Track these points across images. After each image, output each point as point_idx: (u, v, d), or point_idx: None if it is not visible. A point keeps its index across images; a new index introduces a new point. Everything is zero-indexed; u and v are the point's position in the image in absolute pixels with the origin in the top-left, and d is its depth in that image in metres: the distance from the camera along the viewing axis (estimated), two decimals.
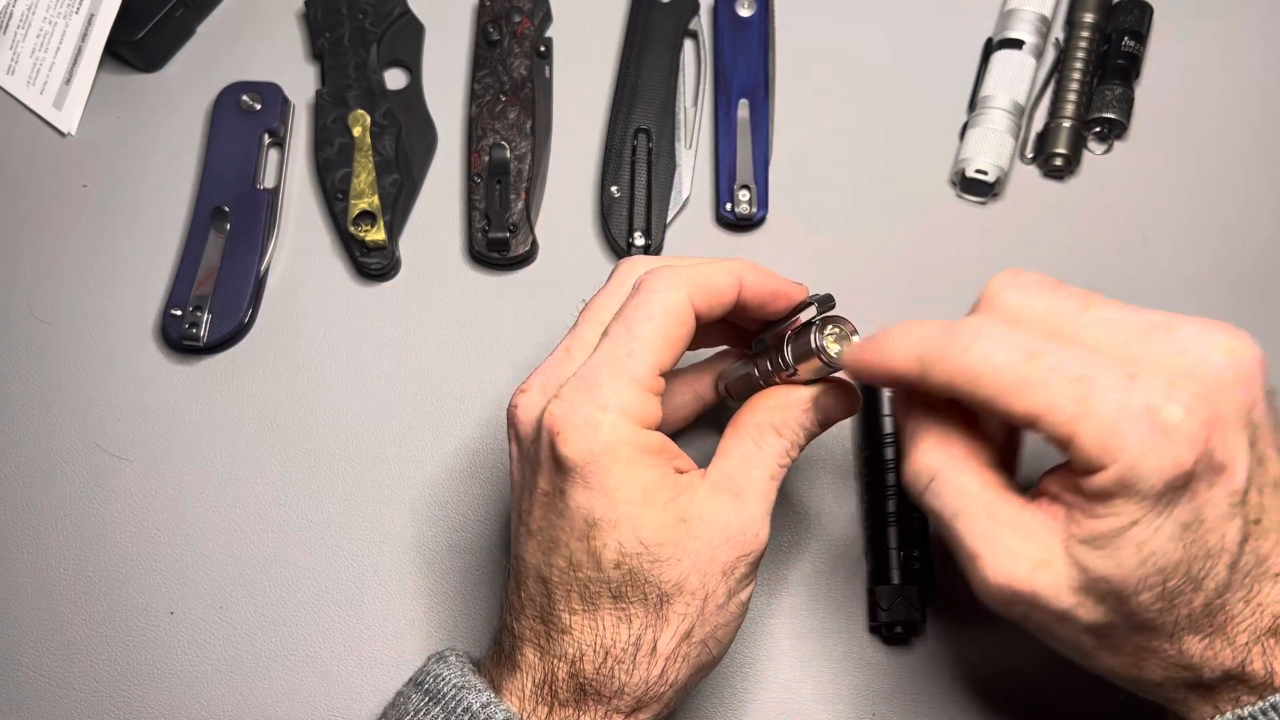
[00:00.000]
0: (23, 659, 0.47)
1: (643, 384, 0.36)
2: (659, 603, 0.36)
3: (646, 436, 0.36)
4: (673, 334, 0.36)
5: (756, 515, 0.37)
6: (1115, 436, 0.31)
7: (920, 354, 0.34)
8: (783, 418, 0.38)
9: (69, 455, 0.50)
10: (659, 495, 0.35)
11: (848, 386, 0.39)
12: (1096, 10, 0.55)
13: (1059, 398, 0.31)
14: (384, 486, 0.49)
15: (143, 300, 0.53)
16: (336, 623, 0.47)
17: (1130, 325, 0.33)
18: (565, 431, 0.35)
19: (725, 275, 0.37)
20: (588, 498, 0.35)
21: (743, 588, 0.37)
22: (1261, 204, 0.53)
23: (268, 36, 0.59)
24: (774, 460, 0.38)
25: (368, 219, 0.53)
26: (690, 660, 0.37)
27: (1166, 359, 0.32)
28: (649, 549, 0.35)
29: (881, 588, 0.45)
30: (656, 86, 0.55)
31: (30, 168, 0.56)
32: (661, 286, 0.36)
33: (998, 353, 0.32)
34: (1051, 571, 0.33)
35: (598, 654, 0.36)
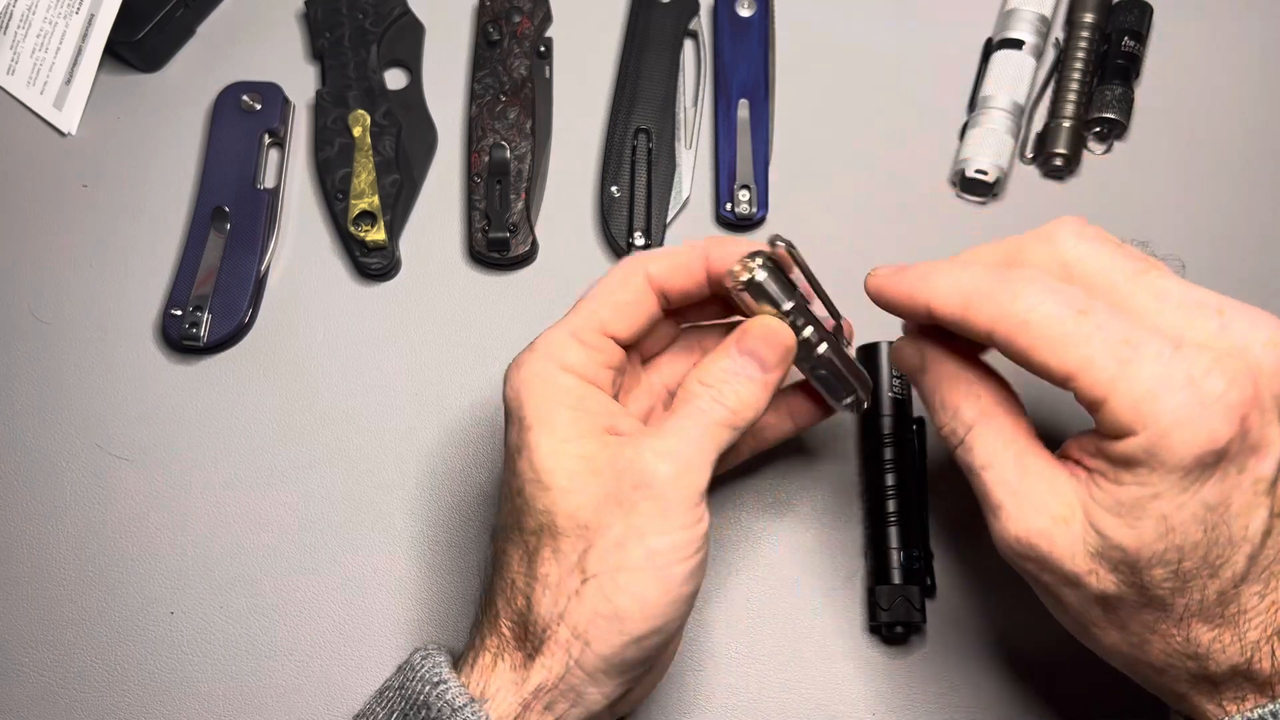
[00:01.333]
0: (23, 659, 0.47)
1: (578, 335, 0.38)
2: (553, 534, 0.35)
3: (564, 378, 0.37)
4: (620, 297, 0.38)
5: (660, 448, 0.35)
6: (1152, 402, 0.31)
7: (967, 293, 0.34)
8: (706, 370, 0.37)
9: (69, 455, 0.50)
10: (564, 429, 0.36)
11: (766, 320, 0.38)
12: (1096, 10, 0.55)
13: (1101, 357, 0.31)
14: (384, 486, 0.49)
15: (143, 300, 0.53)
16: (336, 622, 0.47)
17: (1181, 300, 0.33)
18: (507, 374, 0.38)
19: (688, 247, 0.39)
20: (513, 431, 0.37)
21: (653, 531, 0.35)
22: (1262, 204, 0.53)
23: (268, 36, 0.59)
24: (696, 407, 0.37)
25: (368, 219, 0.53)
26: (587, 598, 0.34)
27: (1211, 338, 0.32)
28: (539, 474, 0.36)
29: (881, 588, 0.45)
30: (656, 86, 0.55)
31: (30, 168, 0.56)
32: (627, 261, 0.39)
33: (1046, 304, 0.32)
34: (1069, 531, 0.33)
35: (507, 587, 0.37)
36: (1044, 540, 0.33)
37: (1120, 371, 0.31)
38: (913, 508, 0.46)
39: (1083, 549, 0.33)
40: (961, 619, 0.46)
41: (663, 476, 0.35)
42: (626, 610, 0.34)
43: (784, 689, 0.45)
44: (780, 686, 0.45)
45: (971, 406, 0.36)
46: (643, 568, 0.35)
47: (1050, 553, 0.33)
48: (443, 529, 0.49)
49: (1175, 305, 0.33)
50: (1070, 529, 0.33)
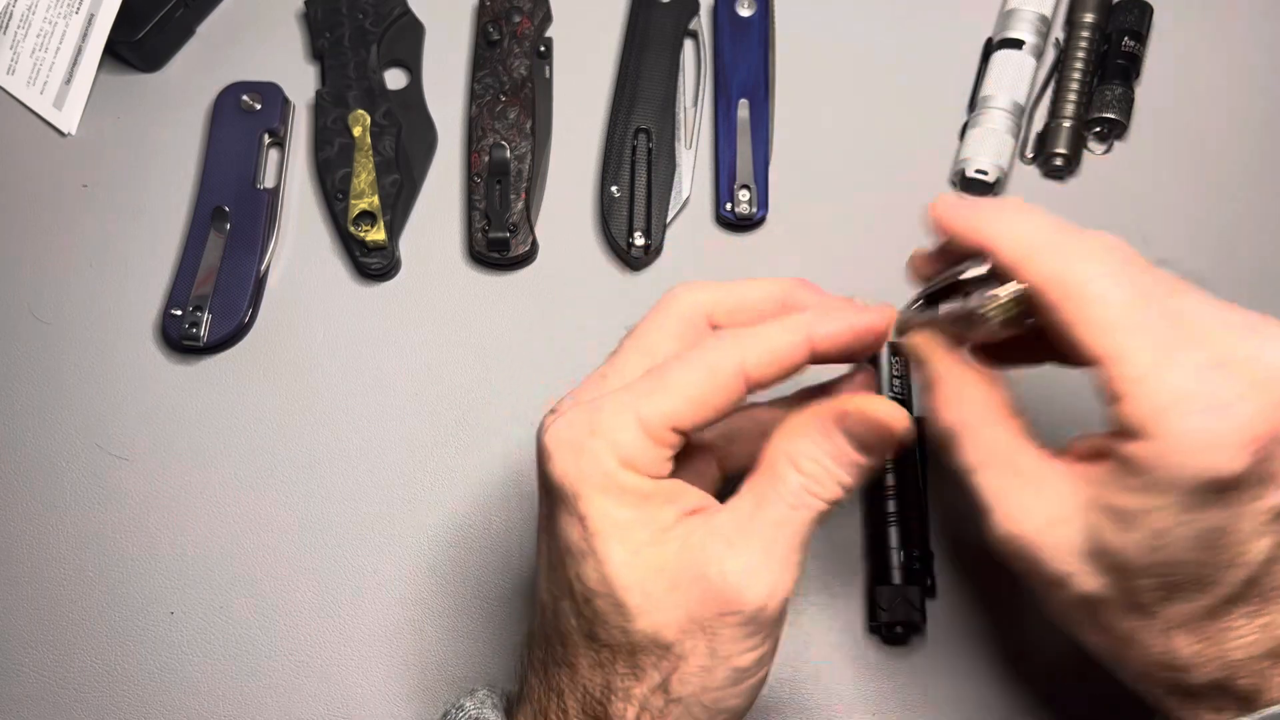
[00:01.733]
0: (23, 659, 0.47)
1: (647, 427, 0.32)
2: (629, 651, 0.32)
3: (629, 479, 0.32)
4: (708, 397, 0.33)
5: (745, 568, 0.32)
6: (1172, 415, 0.30)
7: (1032, 243, 0.32)
8: (798, 447, 0.33)
9: (69, 455, 0.50)
10: (634, 535, 0.32)
11: (884, 400, 0.34)
12: (1096, 10, 0.55)
13: (1141, 351, 0.30)
14: (384, 486, 0.49)
15: (143, 300, 0.53)
16: (336, 623, 0.47)
17: (1225, 319, 0.32)
18: (552, 449, 0.33)
19: (789, 336, 0.33)
20: (567, 522, 0.33)
21: (736, 652, 0.32)
22: (1262, 204, 0.53)
23: (268, 36, 0.59)
24: (785, 500, 0.33)
25: (368, 219, 0.53)
26: (671, 717, 0.33)
27: (1246, 361, 0.31)
28: (613, 591, 0.32)
29: (881, 588, 0.45)
30: (656, 86, 0.55)
31: (30, 168, 0.56)
32: (715, 346, 0.33)
33: (1112, 277, 0.31)
34: (1059, 532, 0.32)
35: (579, 691, 0.34)
36: (1032, 541, 0.33)
37: (1152, 373, 0.30)
38: (913, 508, 0.46)
39: (1072, 549, 0.32)
40: (961, 619, 0.46)
41: (753, 604, 0.32)
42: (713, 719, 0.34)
43: (784, 689, 0.45)
44: (780, 686, 0.45)
45: (958, 410, 0.35)
46: (729, 685, 0.33)
47: (1038, 554, 0.33)
48: (443, 529, 0.49)
49: (1220, 324, 0.32)
50: (1059, 530, 0.32)
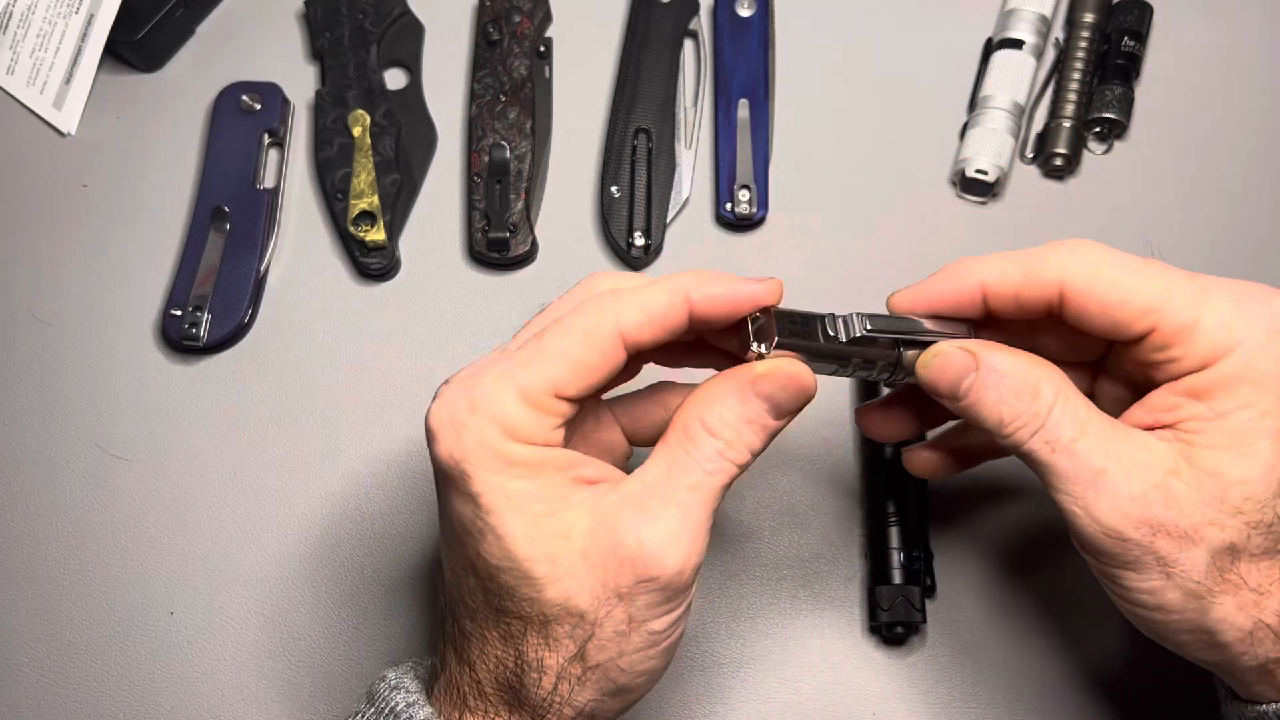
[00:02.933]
0: (23, 659, 0.47)
1: (527, 396, 0.32)
2: (541, 622, 0.32)
3: (515, 450, 0.32)
4: (583, 358, 0.33)
5: (662, 534, 0.32)
6: (1243, 318, 0.32)
7: (1024, 260, 0.34)
8: (715, 413, 0.33)
9: (69, 455, 0.50)
10: (530, 506, 0.32)
11: (793, 360, 0.34)
12: (1096, 10, 0.55)
13: (1180, 289, 0.33)
14: (384, 486, 0.49)
15: (143, 300, 0.53)
16: (336, 623, 0.47)
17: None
18: (434, 428, 0.33)
19: (666, 294, 0.33)
20: (459, 502, 0.33)
21: (652, 616, 0.33)
22: (1262, 204, 0.53)
23: (268, 36, 0.59)
24: (700, 465, 0.33)
25: (368, 219, 0.53)
26: (589, 684, 0.33)
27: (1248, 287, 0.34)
28: (518, 564, 0.32)
29: (881, 588, 0.45)
30: (656, 86, 0.55)
31: (30, 168, 0.56)
32: (590, 309, 0.33)
33: (1111, 252, 0.34)
34: (1181, 482, 0.32)
35: (490, 662, 0.34)
36: (1159, 495, 0.32)
37: (1203, 299, 0.32)
38: (913, 508, 0.46)
39: (1198, 499, 0.32)
40: (961, 619, 0.46)
41: (672, 570, 0.32)
42: (631, 684, 0.34)
43: (784, 689, 0.45)
44: (780, 686, 0.45)
45: (1049, 384, 0.34)
46: (646, 648, 0.33)
47: (1167, 508, 0.32)
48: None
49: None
50: (1180, 481, 0.32)
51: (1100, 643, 0.45)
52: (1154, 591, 0.33)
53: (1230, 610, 0.33)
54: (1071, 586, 0.46)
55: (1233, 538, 0.32)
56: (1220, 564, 0.32)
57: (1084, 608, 0.46)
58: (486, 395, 0.32)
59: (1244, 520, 0.32)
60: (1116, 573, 0.34)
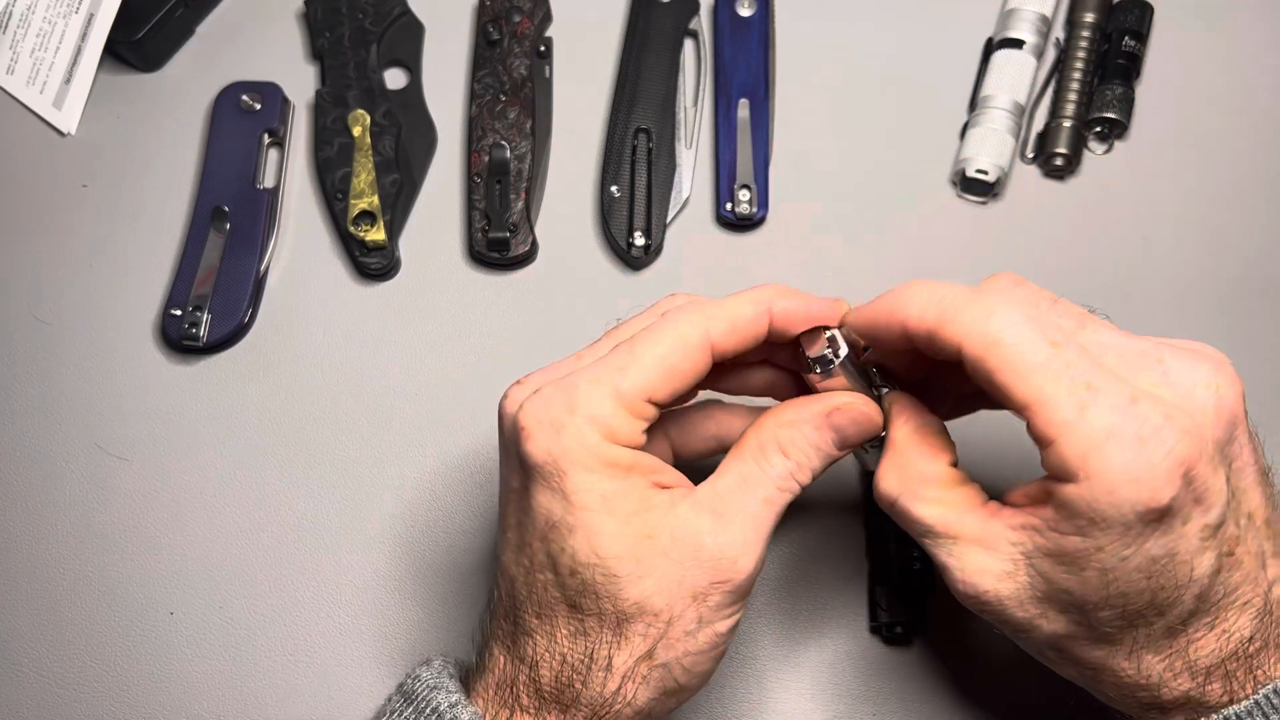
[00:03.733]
0: (23, 659, 0.47)
1: (624, 400, 0.34)
2: (616, 620, 0.34)
3: (613, 451, 0.34)
4: (676, 364, 0.34)
5: (738, 540, 0.34)
6: (1100, 455, 0.31)
7: (943, 307, 0.33)
8: (790, 435, 0.36)
9: (69, 455, 0.50)
10: (621, 506, 0.34)
11: (867, 401, 0.37)
12: (1097, 10, 0.55)
13: (1063, 395, 0.31)
14: (384, 486, 0.49)
15: (143, 300, 0.53)
16: (336, 623, 0.47)
17: (1121, 351, 0.33)
18: (530, 428, 0.34)
19: (750, 305, 0.35)
20: (548, 499, 0.34)
21: (719, 618, 0.35)
22: (1261, 204, 0.53)
23: (268, 36, 0.59)
24: (773, 482, 0.35)
25: (368, 219, 0.53)
26: (652, 683, 0.35)
27: (1154, 387, 0.32)
28: (604, 561, 0.33)
29: (881, 588, 0.45)
30: (656, 86, 0.55)
31: (30, 168, 0.56)
32: (680, 318, 0.35)
33: (1020, 328, 0.32)
34: (1015, 582, 0.34)
35: (554, 660, 0.35)
36: (992, 596, 0.34)
37: (1077, 416, 0.31)
38: None
39: (1029, 595, 0.33)
40: (961, 619, 0.46)
41: (747, 575, 0.34)
42: (688, 684, 0.35)
43: (784, 689, 0.45)
44: (780, 686, 0.45)
45: (895, 479, 0.36)
46: (709, 649, 0.35)
47: (1000, 607, 0.34)
48: (443, 530, 0.49)
49: (1117, 357, 0.33)
50: (1015, 580, 0.34)
51: None
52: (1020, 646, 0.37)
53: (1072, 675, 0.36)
54: None
55: (1061, 631, 0.34)
56: (1055, 647, 0.35)
57: None
58: (586, 397, 0.34)
59: (1070, 618, 0.34)
60: None
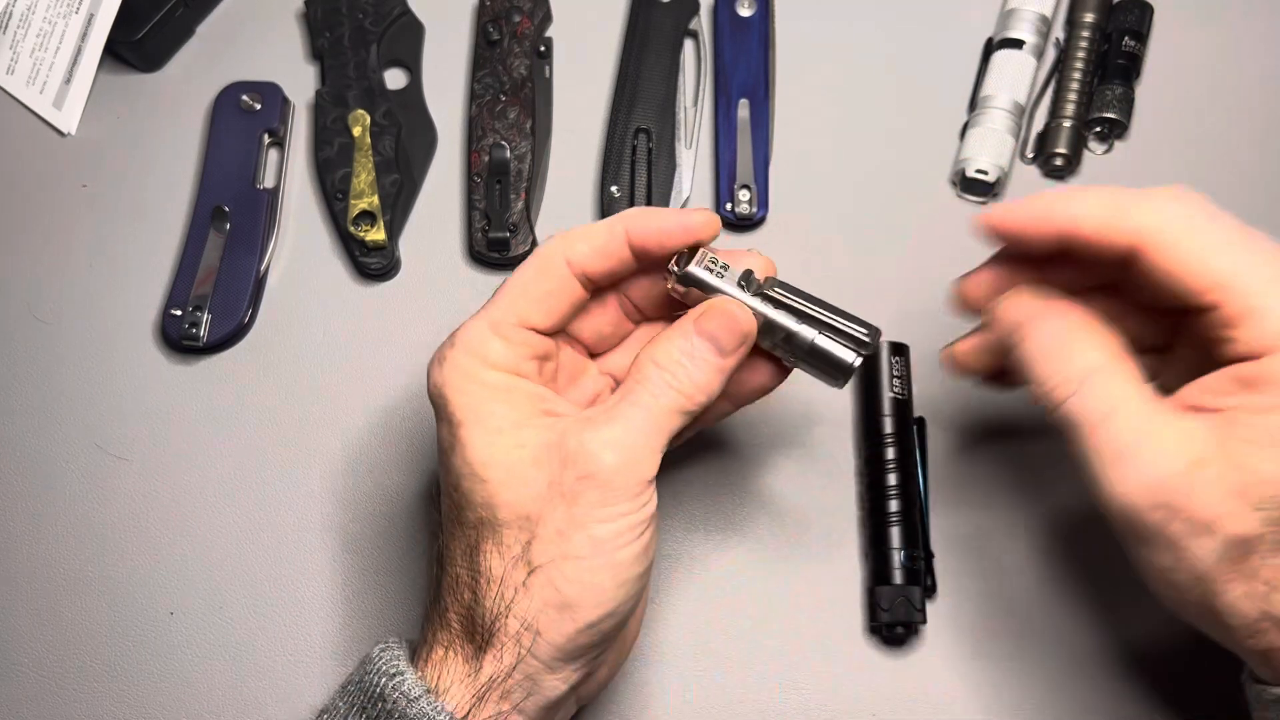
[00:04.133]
0: (23, 659, 0.47)
1: (497, 328, 0.37)
2: (493, 526, 0.35)
3: (488, 374, 0.37)
4: (540, 286, 0.38)
5: (602, 438, 0.35)
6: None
7: (1114, 202, 0.34)
8: (663, 350, 0.37)
9: (69, 455, 0.50)
10: (491, 421, 0.36)
11: (731, 302, 0.37)
12: (1097, 10, 0.55)
13: (1256, 270, 0.32)
14: (384, 485, 0.49)
15: (143, 300, 0.53)
16: (336, 623, 0.47)
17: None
18: (430, 370, 0.38)
19: (605, 226, 0.38)
20: (443, 428, 0.37)
21: (594, 519, 0.34)
22: (1261, 204, 0.53)
23: (268, 36, 0.59)
24: (648, 391, 0.36)
25: (368, 219, 0.53)
26: (534, 591, 0.34)
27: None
28: (475, 470, 0.35)
29: (881, 588, 0.45)
30: (656, 86, 0.55)
31: (30, 168, 0.56)
32: (543, 248, 0.38)
33: (1202, 215, 0.33)
34: (1208, 472, 0.32)
35: (457, 588, 0.36)
36: (1182, 482, 0.32)
37: (1275, 286, 0.32)
38: (914, 508, 0.46)
39: (1222, 489, 0.32)
40: (961, 619, 0.46)
41: (609, 466, 0.34)
42: (575, 598, 0.34)
43: (784, 689, 0.45)
44: (780, 686, 0.45)
45: (1086, 355, 0.34)
46: (588, 555, 0.34)
47: (1189, 496, 0.32)
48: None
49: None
50: (1207, 471, 0.32)
51: (1100, 643, 0.45)
52: (1164, 570, 0.34)
53: (1238, 598, 0.33)
54: (1072, 587, 0.46)
55: (1248, 531, 0.32)
56: (1233, 555, 0.33)
57: (1084, 608, 0.46)
58: (465, 331, 0.37)
59: (1263, 516, 0.32)
60: (1131, 544, 0.35)
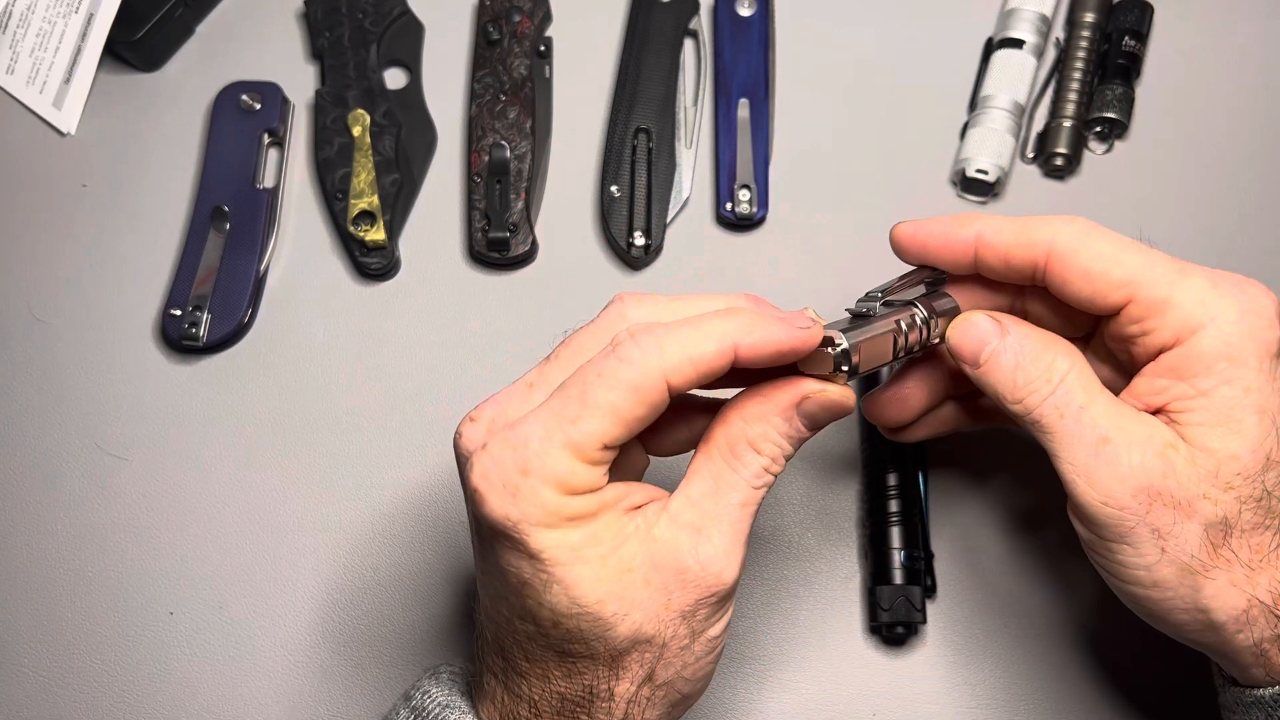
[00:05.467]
0: (23, 659, 0.47)
1: (580, 453, 0.32)
2: (610, 657, 0.33)
3: (573, 504, 0.32)
4: (632, 411, 0.32)
5: (719, 552, 0.33)
6: (1217, 298, 0.34)
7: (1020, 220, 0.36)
8: (760, 430, 0.34)
9: (69, 455, 0.50)
10: (593, 551, 0.32)
11: (844, 391, 0.35)
12: (1097, 10, 0.55)
13: (1157, 265, 0.35)
14: (384, 486, 0.49)
15: (143, 300, 0.53)
16: (336, 623, 0.47)
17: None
18: (483, 491, 0.32)
19: (715, 343, 0.33)
20: (514, 559, 0.33)
21: (710, 625, 0.34)
22: (1262, 203, 0.53)
23: (268, 36, 0.59)
24: (748, 482, 0.34)
25: (367, 219, 0.53)
26: (658, 702, 0.34)
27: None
28: (587, 609, 0.32)
29: (881, 588, 0.45)
30: (656, 86, 0.55)
31: (30, 168, 0.56)
32: (636, 358, 0.32)
33: (1100, 229, 0.36)
34: (1180, 455, 0.33)
35: (553, 699, 0.34)
36: (1158, 465, 0.33)
37: (1179, 276, 0.34)
38: (914, 508, 0.46)
39: (1196, 473, 0.33)
40: (961, 619, 0.46)
41: (730, 581, 0.34)
42: (692, 692, 0.35)
43: (784, 689, 0.45)
44: (780, 686, 0.45)
45: (1064, 357, 0.36)
46: (705, 655, 0.35)
47: (1165, 478, 0.33)
48: (445, 530, 0.49)
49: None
50: (1179, 454, 0.33)
51: (1101, 643, 0.45)
52: (1149, 567, 0.34)
53: (1223, 587, 0.34)
54: (1072, 587, 0.46)
55: (1225, 512, 0.33)
56: (1213, 538, 0.33)
57: (1084, 608, 0.46)
58: (539, 456, 0.32)
59: (1235, 495, 0.33)
60: (1113, 547, 0.35)
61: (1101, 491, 0.34)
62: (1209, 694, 0.39)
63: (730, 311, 0.34)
